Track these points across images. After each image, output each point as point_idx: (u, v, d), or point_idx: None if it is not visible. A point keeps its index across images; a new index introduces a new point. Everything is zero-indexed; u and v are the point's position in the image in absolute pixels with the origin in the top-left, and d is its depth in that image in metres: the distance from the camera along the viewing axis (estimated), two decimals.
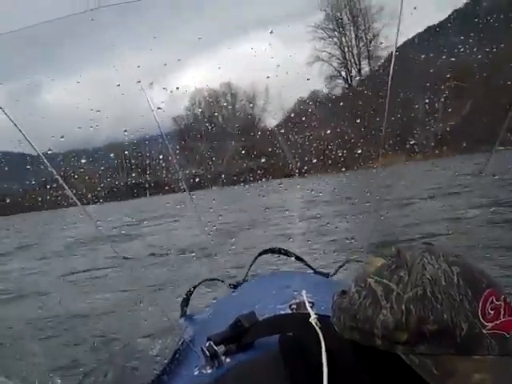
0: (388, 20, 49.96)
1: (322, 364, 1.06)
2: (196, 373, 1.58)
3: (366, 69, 54.22)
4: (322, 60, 54.57)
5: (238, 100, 51.45)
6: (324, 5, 52.94)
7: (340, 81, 55.09)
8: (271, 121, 52.61)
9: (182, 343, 1.92)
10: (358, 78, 54.45)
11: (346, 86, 54.08)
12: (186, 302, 2.82)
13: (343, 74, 54.75)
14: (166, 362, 1.84)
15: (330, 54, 54.85)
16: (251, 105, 50.83)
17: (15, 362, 4.22)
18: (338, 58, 54.99)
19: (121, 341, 3.98)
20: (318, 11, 53.00)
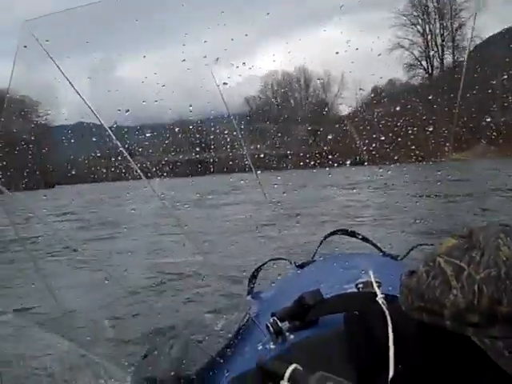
0: (475, 10, 47.76)
1: (388, 343, 1.04)
2: (260, 348, 1.59)
3: (448, 59, 51.58)
4: (403, 47, 52.30)
5: (311, 85, 51.39)
6: None
7: (420, 70, 52.89)
8: (344, 107, 51.92)
9: (248, 319, 1.94)
10: (439, 68, 52.26)
11: (426, 75, 51.86)
12: (252, 279, 2.85)
13: (424, 63, 52.67)
14: (230, 336, 1.87)
15: (411, 41, 52.61)
16: (325, 91, 50.65)
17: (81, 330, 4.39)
18: (420, 47, 52.69)
19: (188, 314, 4.06)
20: None
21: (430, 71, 51.90)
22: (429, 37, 51.78)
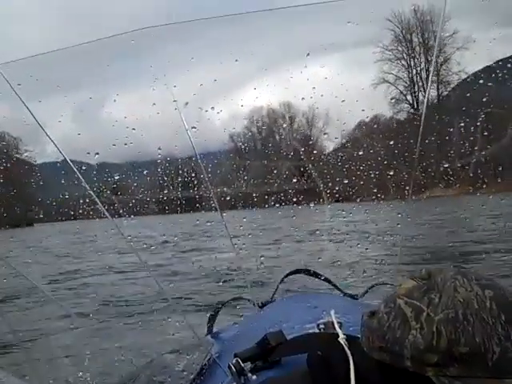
0: (461, 44, 48.86)
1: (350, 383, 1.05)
2: None
3: (433, 94, 52.33)
4: (388, 82, 53.52)
5: (296, 121, 51.48)
6: (394, 26, 51.73)
7: (405, 105, 53.78)
8: (329, 143, 52.15)
9: (209, 359, 1.93)
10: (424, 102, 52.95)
11: (412, 110, 52.56)
12: (213, 318, 2.83)
13: (409, 97, 53.64)
14: (192, 377, 1.85)
15: (396, 76, 53.87)
16: (310, 127, 50.71)
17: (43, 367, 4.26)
18: (405, 81, 53.88)
19: (148, 355, 3.98)
20: (386, 33, 51.70)
21: (416, 106, 52.65)
22: (414, 71, 52.88)
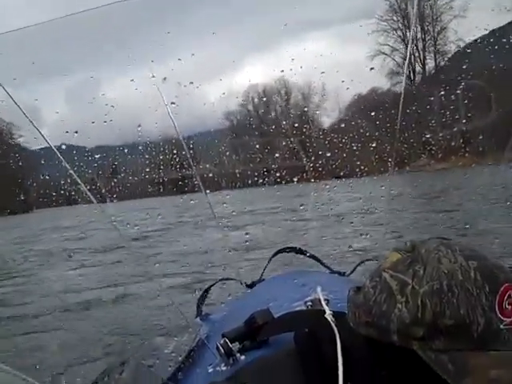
0: (458, 12, 48.59)
1: (337, 360, 1.05)
2: (210, 370, 1.58)
3: (430, 64, 52.05)
4: (384, 54, 52.63)
5: (292, 96, 50.77)
6: None
7: (402, 77, 53.09)
8: (326, 119, 51.53)
9: (198, 341, 1.93)
10: (421, 74, 51.91)
11: (409, 82, 50.62)
12: (201, 300, 2.83)
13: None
14: (181, 359, 1.85)
15: (392, 47, 52.89)
16: (306, 101, 49.93)
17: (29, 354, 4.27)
18: (402, 53, 52.32)
19: (138, 337, 4.00)
20: (381, 3, 50.46)
21: (412, 77, 51.74)
22: (410, 42, 52.21)
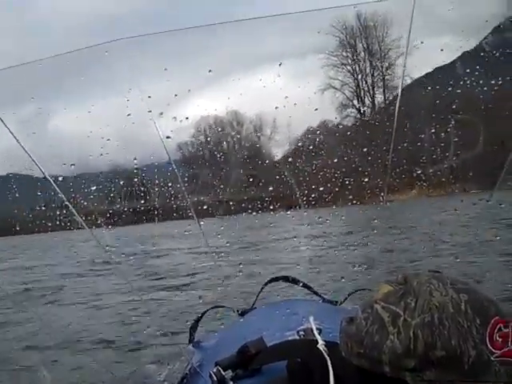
0: (405, 49, 49.19)
1: None
2: None
3: (379, 99, 52.19)
4: (334, 88, 52.26)
5: (244, 129, 51.01)
6: (338, 31, 51.48)
7: (352, 110, 53.00)
8: (278, 150, 51.65)
9: (190, 368, 1.92)
10: (370, 107, 52.90)
11: (358, 115, 51.55)
12: (194, 328, 2.82)
13: (355, 103, 53.63)
14: None
15: (342, 82, 52.72)
16: (258, 134, 50.22)
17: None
18: (351, 87, 52.70)
19: (130, 365, 3.94)
20: (331, 40, 51.67)
21: (363, 111, 51.98)
22: (359, 76, 52.26)
